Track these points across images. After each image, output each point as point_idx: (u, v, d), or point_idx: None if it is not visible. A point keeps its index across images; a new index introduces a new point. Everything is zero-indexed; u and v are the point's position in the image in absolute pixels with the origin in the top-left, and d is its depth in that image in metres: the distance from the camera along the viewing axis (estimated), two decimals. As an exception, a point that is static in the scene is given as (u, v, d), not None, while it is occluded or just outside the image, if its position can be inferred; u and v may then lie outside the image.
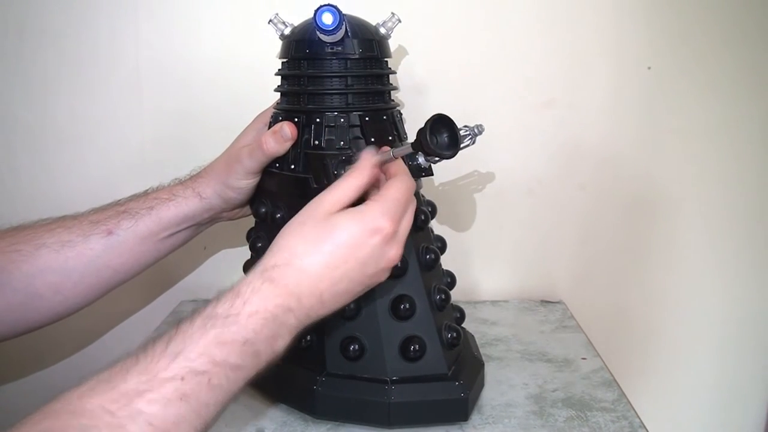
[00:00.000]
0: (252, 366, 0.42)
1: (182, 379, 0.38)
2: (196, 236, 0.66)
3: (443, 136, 0.47)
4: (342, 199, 0.47)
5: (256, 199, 0.63)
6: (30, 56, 0.79)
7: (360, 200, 0.48)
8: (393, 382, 0.55)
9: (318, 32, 0.53)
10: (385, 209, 0.46)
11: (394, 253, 0.47)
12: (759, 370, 0.90)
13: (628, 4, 0.78)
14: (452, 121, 0.48)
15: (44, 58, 0.79)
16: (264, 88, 0.63)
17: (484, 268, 0.86)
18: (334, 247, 0.45)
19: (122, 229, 0.60)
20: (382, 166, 0.51)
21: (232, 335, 0.40)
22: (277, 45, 0.60)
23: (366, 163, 0.49)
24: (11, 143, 0.82)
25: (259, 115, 0.65)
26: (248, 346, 0.41)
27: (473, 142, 0.55)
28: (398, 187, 0.48)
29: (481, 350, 0.67)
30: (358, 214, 0.46)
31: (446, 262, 0.63)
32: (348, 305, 0.52)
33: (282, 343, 0.43)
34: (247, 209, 0.66)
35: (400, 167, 0.50)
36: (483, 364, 0.63)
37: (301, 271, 0.44)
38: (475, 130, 0.54)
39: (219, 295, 0.43)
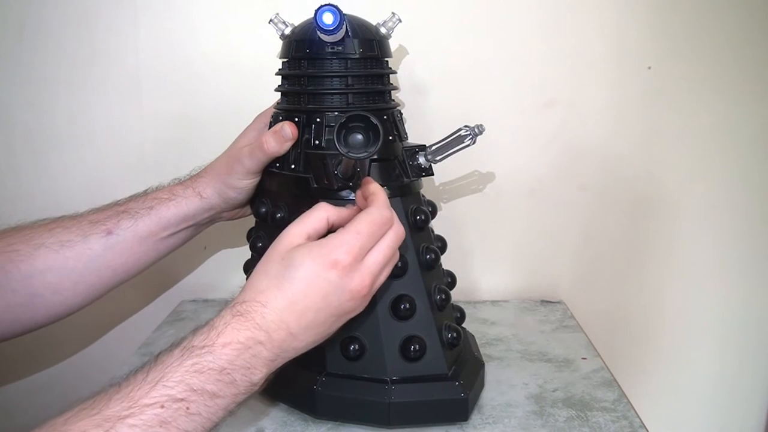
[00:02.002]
0: (230, 395, 0.43)
1: (162, 406, 0.39)
2: (195, 236, 0.66)
3: (356, 136, 0.48)
4: (306, 231, 0.48)
5: (256, 198, 0.63)
6: (30, 56, 0.79)
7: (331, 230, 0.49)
8: (393, 382, 0.55)
9: (318, 32, 0.53)
10: (344, 242, 0.46)
11: (356, 284, 0.46)
12: (759, 371, 0.90)
13: (630, 4, 0.78)
14: (369, 118, 0.48)
15: (44, 58, 0.79)
16: (264, 88, 0.63)
17: (484, 268, 0.86)
18: (291, 282, 0.45)
19: (122, 229, 0.60)
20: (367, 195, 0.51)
21: (208, 364, 0.42)
22: (278, 45, 0.60)
23: (323, 206, 0.50)
24: (11, 144, 0.82)
25: (260, 114, 0.65)
26: (224, 375, 0.42)
27: (474, 142, 0.55)
28: (365, 219, 0.47)
29: (482, 350, 0.67)
30: (315, 248, 0.46)
31: (446, 262, 0.63)
32: None
33: (259, 374, 0.44)
34: (247, 209, 0.66)
35: (376, 198, 0.49)
36: (483, 365, 0.62)
37: (264, 306, 0.45)
38: (476, 130, 0.54)
39: (195, 329, 0.44)
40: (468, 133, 0.54)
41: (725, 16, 0.79)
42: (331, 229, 0.49)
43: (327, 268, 0.45)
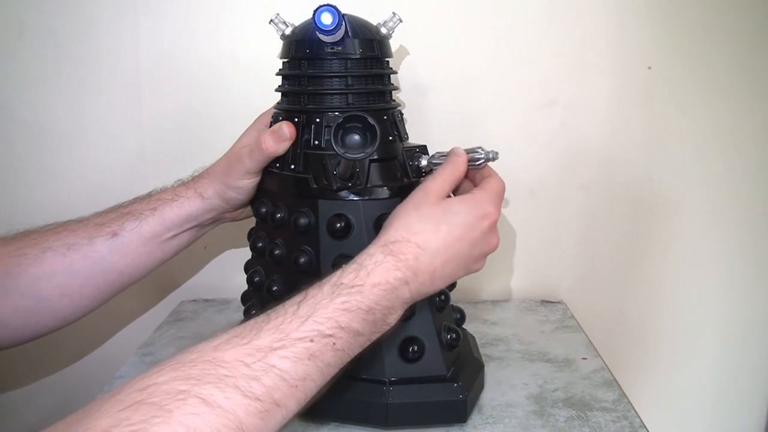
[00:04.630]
0: (369, 333, 0.45)
1: (311, 340, 0.41)
2: (200, 237, 0.66)
3: (353, 136, 0.49)
4: (445, 188, 0.51)
5: (256, 198, 0.63)
6: (30, 56, 0.79)
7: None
8: (392, 383, 0.55)
9: (317, 32, 0.53)
10: (492, 198, 0.51)
11: (495, 240, 0.51)
12: (759, 371, 0.90)
13: (630, 4, 0.78)
14: (366, 119, 0.49)
15: (44, 58, 0.79)
16: (265, 89, 0.63)
17: (484, 268, 0.86)
18: (450, 227, 0.48)
19: (126, 231, 0.60)
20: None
21: (357, 303, 0.44)
22: (278, 45, 0.60)
23: (461, 158, 0.54)
24: (11, 143, 0.82)
25: (261, 115, 0.65)
26: (369, 315, 0.44)
27: (483, 166, 0.54)
28: (497, 181, 0.53)
29: (482, 350, 0.67)
30: (471, 199, 0.50)
31: (446, 262, 0.63)
32: None
33: (395, 315, 0.47)
34: (251, 210, 0.66)
35: (490, 168, 0.55)
36: (483, 366, 0.62)
37: (418, 247, 0.47)
38: (490, 155, 0.54)
39: (344, 267, 0.46)
40: (482, 155, 0.54)
41: (726, 16, 0.78)
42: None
43: (481, 218, 0.49)
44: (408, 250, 0.47)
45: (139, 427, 0.32)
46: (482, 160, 0.54)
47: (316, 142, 0.56)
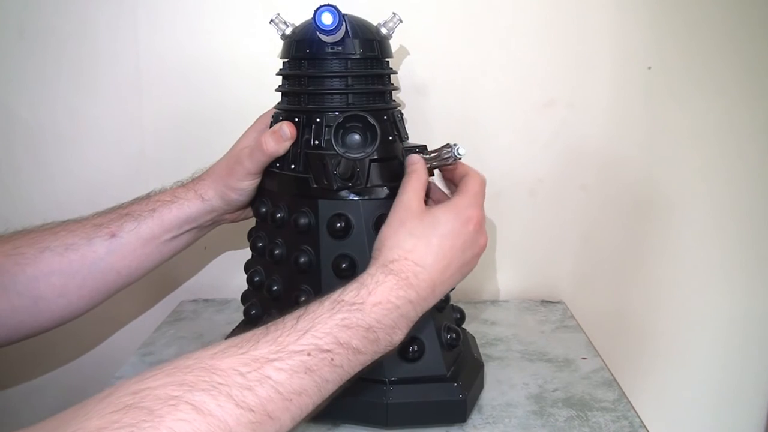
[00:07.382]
0: (371, 352, 0.45)
1: (308, 354, 0.41)
2: (198, 239, 0.66)
3: (353, 136, 0.50)
4: (419, 198, 0.52)
5: (256, 198, 0.63)
6: (30, 56, 0.79)
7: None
8: (392, 382, 0.55)
9: (318, 32, 0.53)
10: (471, 200, 0.51)
11: (483, 241, 0.52)
12: (759, 371, 0.90)
13: (630, 4, 0.78)
14: (366, 118, 0.49)
15: (44, 58, 0.79)
16: (265, 89, 0.63)
17: (484, 268, 0.86)
18: (440, 239, 0.49)
19: (125, 232, 0.60)
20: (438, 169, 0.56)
21: (357, 321, 0.44)
22: (278, 45, 0.60)
23: (418, 164, 0.54)
24: (11, 143, 0.82)
25: (261, 116, 0.65)
26: (370, 333, 0.44)
27: (454, 161, 0.54)
28: (475, 181, 0.53)
29: (482, 350, 0.67)
30: (453, 207, 0.51)
31: (446, 262, 0.63)
32: None
33: (400, 335, 0.47)
34: (250, 211, 0.66)
35: (465, 165, 0.55)
36: (482, 366, 0.62)
37: (416, 265, 0.48)
38: (455, 153, 0.53)
39: (345, 286, 0.46)
40: (449, 155, 0.54)
41: (726, 16, 0.78)
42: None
43: (465, 223, 0.50)
44: (407, 269, 0.47)
45: (128, 431, 0.32)
46: (451, 159, 0.54)
47: (317, 142, 0.56)
